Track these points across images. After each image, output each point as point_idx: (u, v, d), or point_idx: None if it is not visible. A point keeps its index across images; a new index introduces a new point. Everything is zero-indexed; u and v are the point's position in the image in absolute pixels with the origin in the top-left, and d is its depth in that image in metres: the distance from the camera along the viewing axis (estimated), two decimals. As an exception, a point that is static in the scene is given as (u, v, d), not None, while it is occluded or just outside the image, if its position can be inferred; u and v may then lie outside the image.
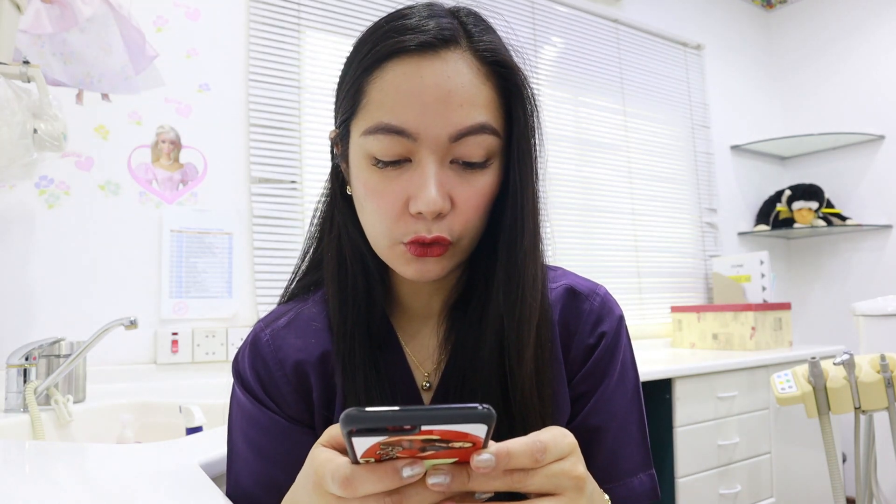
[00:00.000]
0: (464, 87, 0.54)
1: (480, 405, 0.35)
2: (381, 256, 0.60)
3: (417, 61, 0.53)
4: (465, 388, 0.59)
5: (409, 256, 0.57)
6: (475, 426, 0.35)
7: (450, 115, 0.53)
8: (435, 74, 0.53)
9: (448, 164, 0.55)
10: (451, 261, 0.58)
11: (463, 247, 0.59)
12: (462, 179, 0.56)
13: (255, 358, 0.64)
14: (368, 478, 0.37)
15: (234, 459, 0.64)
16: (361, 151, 0.56)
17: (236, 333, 1.77)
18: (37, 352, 1.27)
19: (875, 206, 3.07)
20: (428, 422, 0.34)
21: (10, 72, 1.22)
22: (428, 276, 0.58)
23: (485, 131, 0.55)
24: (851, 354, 1.47)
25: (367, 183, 0.57)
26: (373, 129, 0.54)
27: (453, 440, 0.36)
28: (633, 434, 0.64)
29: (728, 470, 2.05)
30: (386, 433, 0.35)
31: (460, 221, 0.56)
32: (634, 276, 2.74)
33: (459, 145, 0.54)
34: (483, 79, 0.55)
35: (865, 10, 3.14)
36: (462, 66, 0.54)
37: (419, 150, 0.54)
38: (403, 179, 0.55)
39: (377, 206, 0.56)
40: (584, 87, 2.69)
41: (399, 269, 0.59)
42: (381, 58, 0.54)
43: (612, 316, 0.65)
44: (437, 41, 0.54)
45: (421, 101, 0.53)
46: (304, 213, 1.94)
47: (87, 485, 0.71)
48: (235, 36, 1.89)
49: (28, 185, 1.55)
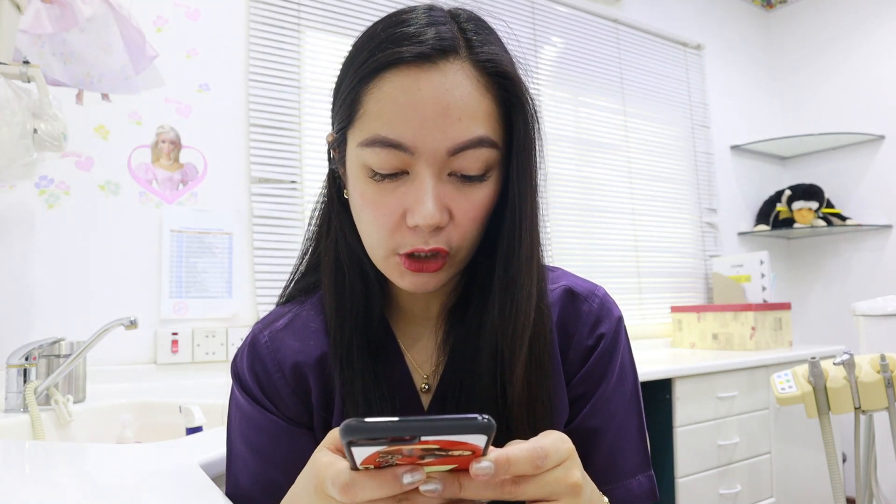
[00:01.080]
0: (462, 100, 0.53)
1: (480, 416, 0.35)
2: (377, 266, 0.60)
3: (415, 73, 0.52)
4: (464, 391, 0.59)
5: (405, 270, 0.56)
6: (475, 437, 0.35)
7: (448, 130, 0.52)
8: (433, 87, 0.52)
9: (446, 178, 0.55)
10: (448, 273, 0.58)
11: (460, 258, 0.58)
12: (460, 193, 0.55)
13: (253, 359, 0.64)
14: (368, 484, 0.37)
15: (233, 460, 0.64)
16: (358, 162, 0.56)
17: (236, 333, 1.77)
18: (37, 352, 1.27)
19: (875, 206, 3.07)
20: (428, 433, 0.34)
21: (10, 72, 1.22)
22: (424, 289, 0.58)
23: (483, 145, 0.54)
24: (851, 354, 1.47)
25: (363, 194, 0.56)
26: (370, 141, 0.53)
27: (452, 449, 0.36)
28: (632, 436, 0.64)
29: (728, 470, 2.05)
30: (385, 443, 0.35)
31: (458, 234, 0.56)
32: (634, 276, 2.74)
33: (458, 159, 0.53)
34: (483, 90, 0.54)
35: (865, 10, 3.14)
36: (461, 77, 0.53)
37: (416, 164, 0.53)
38: (400, 192, 0.54)
39: (374, 217, 0.56)
40: (584, 87, 2.69)
41: (395, 279, 0.59)
42: (378, 68, 0.53)
43: (610, 317, 0.65)
44: (436, 52, 0.52)
45: (419, 114, 0.52)
46: (304, 213, 1.94)
47: (87, 485, 0.71)
48: (235, 36, 1.89)
49: (28, 185, 1.55)
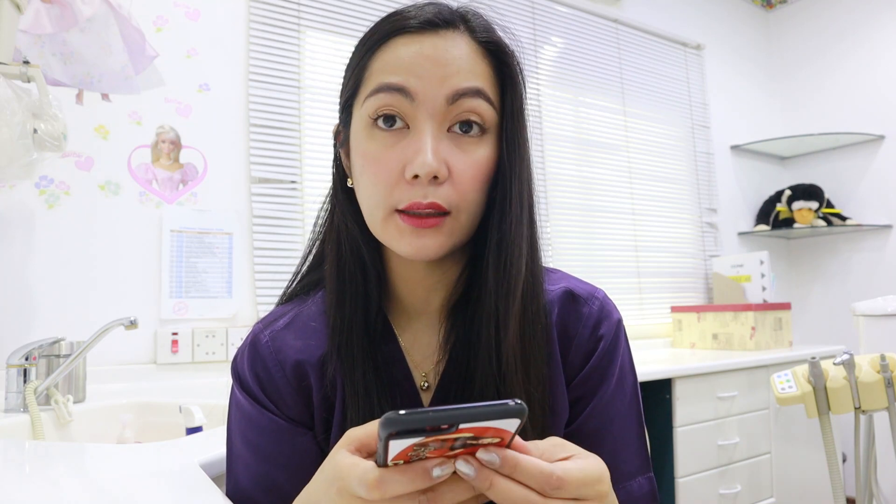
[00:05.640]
0: (461, 58, 0.57)
1: (513, 400, 0.36)
2: (377, 235, 0.60)
3: (419, 36, 0.57)
4: (466, 389, 0.59)
5: (404, 228, 0.56)
6: (509, 421, 0.37)
7: (448, 79, 0.56)
8: (435, 46, 0.57)
9: (445, 133, 0.57)
10: (448, 238, 0.57)
11: (460, 223, 0.58)
12: (459, 149, 0.57)
13: (254, 359, 0.64)
14: (399, 479, 0.37)
15: (234, 461, 0.64)
16: (362, 121, 0.58)
17: (236, 333, 1.77)
18: (37, 352, 1.27)
19: (875, 206, 3.07)
20: (466, 420, 0.35)
21: (10, 72, 1.22)
22: (425, 253, 0.57)
23: (480, 96, 0.57)
24: (851, 354, 1.47)
25: (365, 153, 0.58)
26: (374, 90, 0.57)
27: (484, 436, 0.37)
28: (632, 438, 0.64)
29: (728, 470, 2.05)
30: (424, 433, 0.35)
31: (457, 191, 0.57)
32: (634, 276, 2.74)
33: (456, 108, 0.56)
34: (480, 56, 0.59)
35: (865, 11, 3.14)
36: (460, 41, 0.58)
37: (417, 115, 0.56)
38: (401, 146, 0.56)
39: (374, 173, 0.57)
40: (584, 87, 2.69)
41: (395, 244, 0.58)
42: (384, 36, 0.58)
43: (610, 320, 0.65)
44: (438, 21, 0.58)
45: (420, 64, 0.56)
46: (304, 213, 1.94)
47: (87, 485, 0.71)
48: (235, 36, 1.89)
49: (28, 185, 1.55)
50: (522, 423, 0.37)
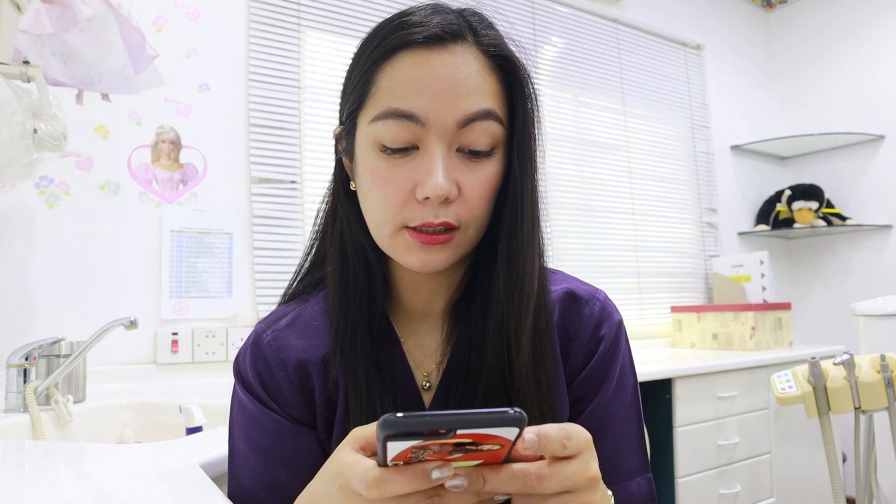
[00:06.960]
0: (470, 77, 0.56)
1: (513, 409, 0.36)
2: (383, 247, 0.60)
3: (426, 53, 0.55)
4: (467, 389, 0.59)
5: (413, 244, 0.57)
6: (508, 429, 0.36)
7: (457, 102, 0.55)
8: (443, 64, 0.55)
9: (455, 153, 0.56)
10: (455, 251, 0.58)
11: (468, 237, 0.59)
12: (468, 168, 0.57)
13: (256, 359, 0.64)
14: (398, 479, 0.38)
15: (236, 460, 0.64)
16: (369, 140, 0.57)
17: (236, 333, 1.77)
18: (37, 352, 1.27)
19: (875, 206, 3.07)
20: (464, 426, 0.35)
21: (10, 72, 1.22)
22: (432, 266, 0.57)
23: (490, 117, 0.56)
24: (851, 354, 1.47)
25: (374, 171, 0.57)
26: (382, 114, 0.55)
27: (484, 442, 0.37)
28: (632, 438, 0.64)
29: (728, 470, 2.05)
30: (421, 437, 0.35)
31: (467, 209, 0.57)
32: (634, 276, 2.74)
33: (466, 132, 0.55)
34: (488, 71, 0.57)
35: (865, 11, 3.14)
36: (469, 57, 0.56)
37: (427, 137, 0.55)
38: (410, 167, 0.56)
39: (383, 192, 0.57)
40: (584, 87, 2.69)
41: (402, 258, 0.58)
42: (390, 49, 0.56)
43: (611, 321, 0.65)
44: (445, 34, 0.56)
45: (430, 88, 0.54)
46: (304, 213, 1.94)
47: (87, 485, 0.71)
48: (235, 36, 1.89)
49: (28, 185, 1.55)
50: (522, 431, 0.37)
